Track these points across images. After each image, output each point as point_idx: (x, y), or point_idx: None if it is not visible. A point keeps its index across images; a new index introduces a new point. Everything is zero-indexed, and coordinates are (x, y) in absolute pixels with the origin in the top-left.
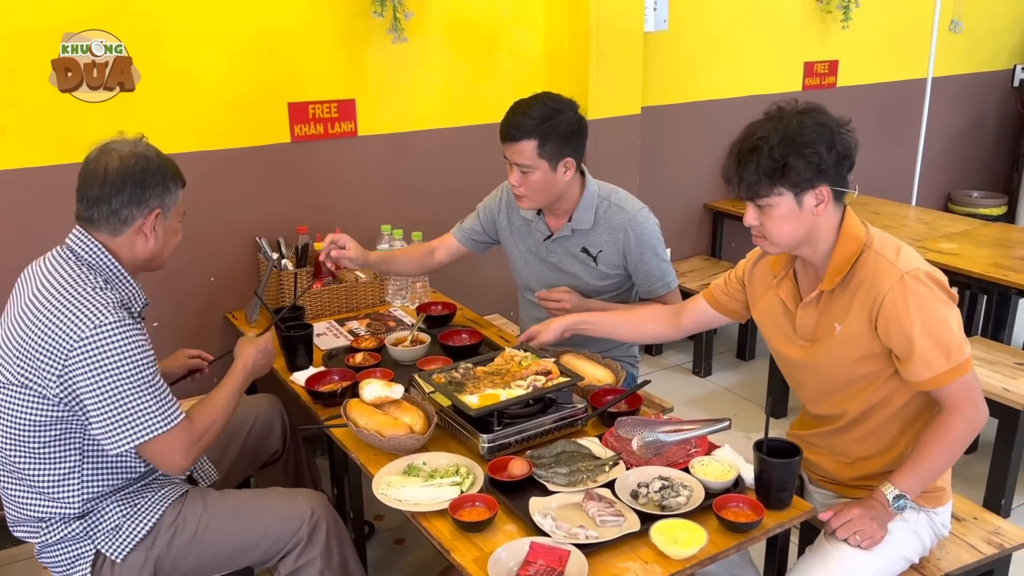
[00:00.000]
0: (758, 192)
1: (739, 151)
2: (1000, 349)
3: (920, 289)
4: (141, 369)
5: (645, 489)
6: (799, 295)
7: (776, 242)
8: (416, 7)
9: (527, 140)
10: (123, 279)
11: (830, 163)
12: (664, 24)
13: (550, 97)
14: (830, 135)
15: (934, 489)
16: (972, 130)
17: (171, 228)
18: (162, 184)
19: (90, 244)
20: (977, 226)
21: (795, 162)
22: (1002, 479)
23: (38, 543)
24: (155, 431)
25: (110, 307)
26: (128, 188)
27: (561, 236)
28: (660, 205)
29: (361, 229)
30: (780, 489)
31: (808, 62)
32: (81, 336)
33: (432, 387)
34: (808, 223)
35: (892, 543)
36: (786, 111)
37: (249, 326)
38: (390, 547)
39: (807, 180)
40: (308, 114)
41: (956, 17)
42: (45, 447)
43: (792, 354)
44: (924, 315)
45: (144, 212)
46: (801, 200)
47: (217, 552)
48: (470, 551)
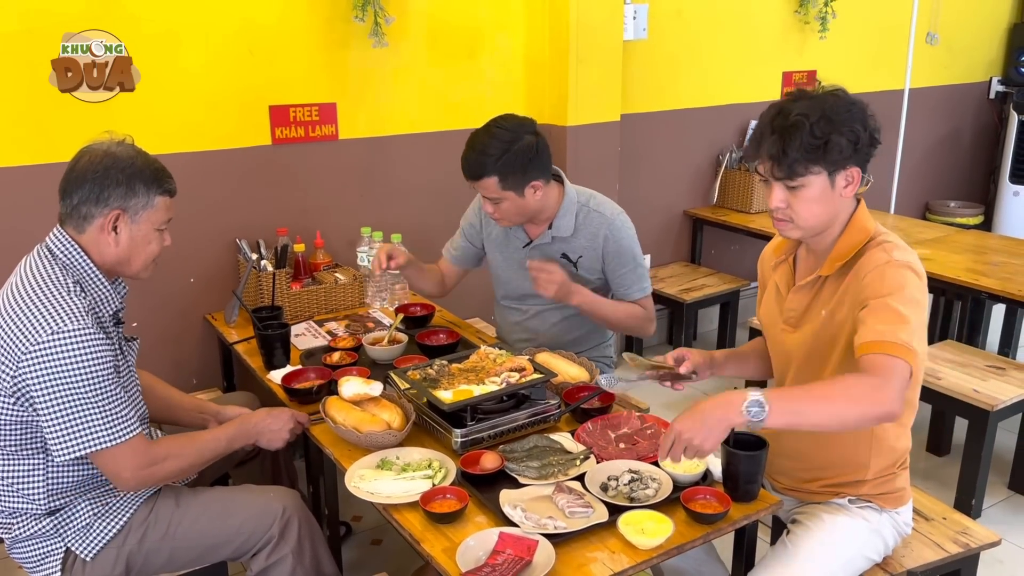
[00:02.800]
0: (796, 171)
1: (780, 127)
2: (973, 353)
3: (903, 273)
4: (93, 380)
5: (615, 482)
6: (793, 280)
7: (801, 224)
8: (397, 12)
9: (487, 178)
10: (96, 279)
11: (865, 142)
12: (644, 33)
13: (504, 124)
14: (862, 114)
15: (894, 490)
16: (949, 141)
17: (141, 235)
18: (126, 185)
19: (64, 241)
20: (952, 233)
21: (837, 139)
22: (972, 480)
23: (8, 539)
24: (100, 444)
25: (74, 314)
26: (87, 184)
27: (541, 243)
28: (640, 212)
29: (341, 231)
30: (747, 481)
31: (786, 72)
32: (37, 340)
33: (407, 383)
34: (835, 204)
35: (854, 542)
36: (810, 93)
37: (228, 326)
38: (367, 547)
39: (845, 159)
40: (289, 117)
41: (932, 29)
42: (8, 444)
43: (776, 337)
44: (896, 292)
45: (103, 211)
46: (834, 180)
47: (188, 549)
48: (440, 542)
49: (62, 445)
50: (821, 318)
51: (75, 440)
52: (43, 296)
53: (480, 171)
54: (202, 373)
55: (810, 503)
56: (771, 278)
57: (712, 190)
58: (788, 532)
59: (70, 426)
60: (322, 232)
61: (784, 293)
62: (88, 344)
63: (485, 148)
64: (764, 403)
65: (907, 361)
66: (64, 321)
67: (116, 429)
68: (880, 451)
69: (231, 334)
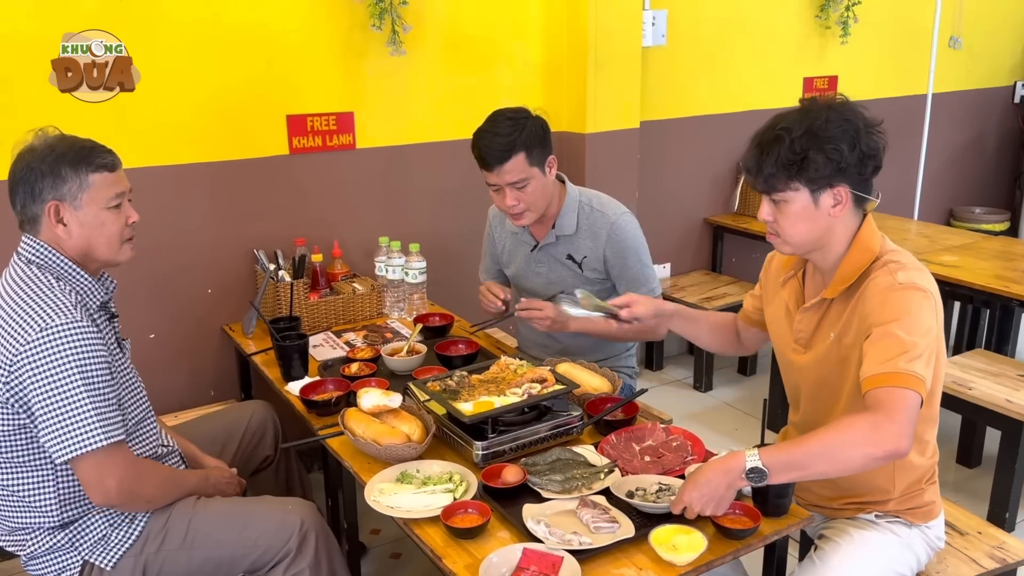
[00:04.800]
0: (775, 185)
1: (761, 141)
2: (1003, 362)
3: (907, 296)
4: (87, 375)
5: (642, 491)
6: (803, 298)
7: (789, 241)
8: (415, 20)
9: (515, 155)
10: (73, 272)
11: (851, 162)
12: (662, 39)
13: (507, 112)
14: (855, 133)
15: (922, 504)
16: (973, 146)
17: (89, 218)
18: (52, 174)
19: (32, 243)
20: (979, 239)
21: (815, 156)
22: (1006, 492)
23: (24, 555)
24: (94, 443)
25: (61, 308)
26: (20, 186)
27: (547, 244)
28: (660, 219)
29: (359, 241)
30: (778, 496)
31: (807, 77)
32: (28, 339)
33: (427, 395)
34: (823, 224)
35: (884, 557)
36: (817, 104)
37: (245, 337)
38: (386, 561)
39: (825, 177)
40: (307, 126)
41: (956, 34)
42: (15, 457)
43: (789, 358)
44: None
45: (41, 207)
46: (818, 198)
47: (206, 560)
48: (462, 558)
49: (59, 444)
50: (830, 340)
51: (72, 438)
52: (28, 297)
53: (508, 149)
54: (219, 384)
55: (837, 519)
56: (779, 294)
57: (732, 197)
58: (816, 548)
59: (66, 423)
60: (340, 242)
61: (793, 312)
62: (79, 337)
63: (499, 130)
64: (764, 470)
65: (914, 390)
66: (52, 316)
67: (108, 429)
68: (903, 470)
69: (248, 345)
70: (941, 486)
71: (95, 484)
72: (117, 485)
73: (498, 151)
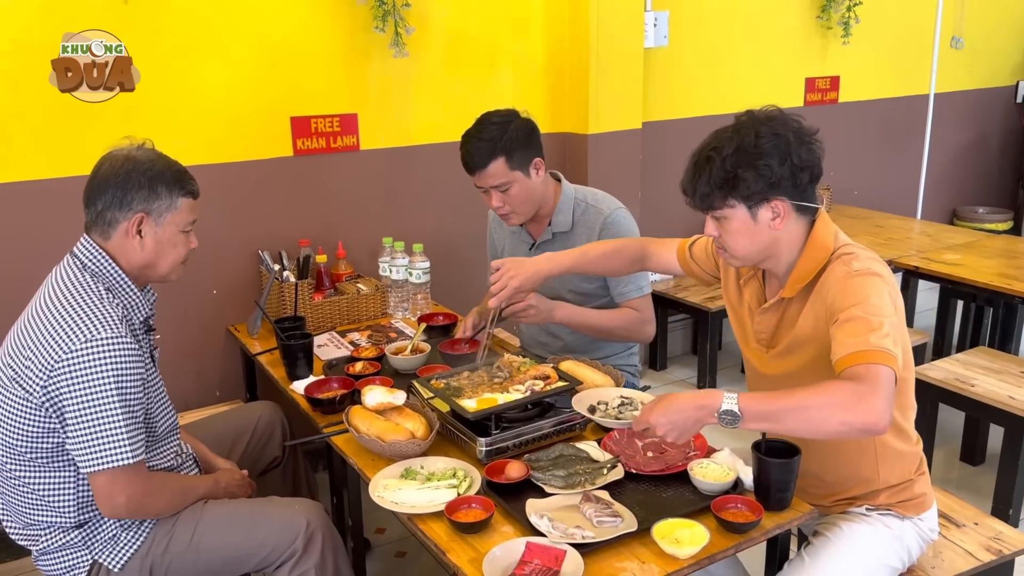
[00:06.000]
0: (711, 204)
1: (695, 162)
2: (1006, 359)
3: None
4: (123, 393)
5: (604, 405)
6: (764, 298)
7: (736, 255)
8: (418, 22)
9: (495, 160)
10: (125, 286)
11: (783, 175)
12: (664, 40)
13: (493, 114)
14: (786, 147)
15: (913, 496)
16: (976, 146)
17: (166, 237)
18: (148, 188)
19: (91, 249)
20: (982, 238)
21: (745, 174)
22: (1009, 489)
23: (36, 550)
24: (121, 459)
25: (107, 322)
26: (110, 190)
27: (543, 242)
28: (662, 220)
29: (363, 242)
30: (779, 490)
31: (809, 78)
32: (71, 348)
33: (430, 392)
34: (766, 237)
35: (875, 551)
36: (751, 119)
37: (251, 337)
38: (391, 560)
39: (759, 192)
40: (310, 128)
41: (957, 34)
42: (40, 457)
43: (750, 357)
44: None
45: (127, 215)
46: (756, 213)
47: (212, 560)
48: (466, 552)
49: (86, 456)
50: (789, 339)
51: (100, 452)
52: (77, 304)
53: (488, 154)
54: (225, 384)
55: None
56: (742, 294)
57: None
58: (807, 544)
59: (96, 437)
60: (344, 243)
61: (755, 311)
62: (121, 354)
63: (485, 135)
64: (738, 414)
65: (888, 366)
66: (98, 329)
67: (135, 448)
68: (886, 457)
69: (254, 345)
70: (945, 483)
71: (106, 497)
72: (126, 502)
73: (478, 156)
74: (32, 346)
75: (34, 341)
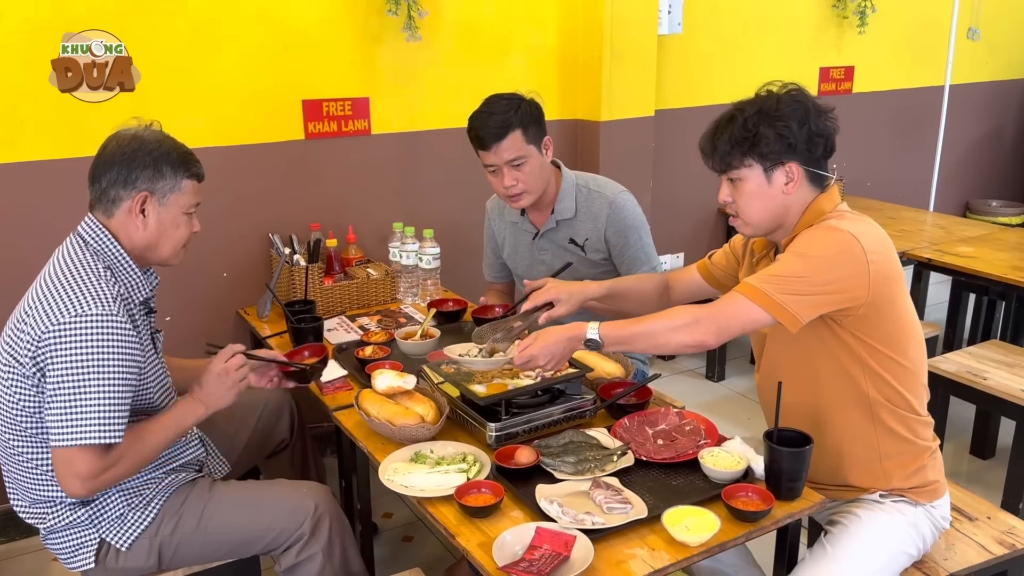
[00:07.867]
0: (729, 163)
1: (717, 123)
2: (1019, 352)
3: (819, 234)
4: (104, 370)
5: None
6: None
7: (748, 220)
8: (431, 6)
9: (512, 132)
10: (125, 264)
11: (801, 139)
12: (678, 27)
13: (501, 94)
14: (804, 113)
15: (926, 483)
16: (991, 139)
17: (169, 218)
18: (153, 167)
19: (93, 227)
20: (995, 231)
21: (766, 132)
22: (1020, 483)
23: (44, 528)
24: (87, 438)
25: (100, 299)
26: (116, 168)
27: (547, 230)
28: (674, 209)
29: (373, 227)
30: (791, 479)
31: (824, 67)
32: (59, 321)
33: (441, 377)
34: (778, 202)
35: (893, 539)
36: (771, 91)
37: (260, 320)
38: (399, 544)
39: (776, 153)
40: (322, 112)
41: (974, 25)
42: (41, 432)
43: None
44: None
45: (131, 193)
46: (771, 176)
47: (220, 542)
48: (475, 536)
49: (55, 429)
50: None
51: (67, 427)
52: (73, 280)
53: (506, 126)
54: None
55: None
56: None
57: None
58: (826, 533)
59: (67, 411)
60: (354, 227)
61: None
62: (109, 332)
63: (495, 109)
64: (599, 340)
65: (757, 303)
66: (89, 305)
67: (105, 429)
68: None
69: (263, 328)
70: (954, 477)
71: (61, 477)
72: (81, 484)
73: (495, 128)
74: (28, 320)
75: (31, 316)
